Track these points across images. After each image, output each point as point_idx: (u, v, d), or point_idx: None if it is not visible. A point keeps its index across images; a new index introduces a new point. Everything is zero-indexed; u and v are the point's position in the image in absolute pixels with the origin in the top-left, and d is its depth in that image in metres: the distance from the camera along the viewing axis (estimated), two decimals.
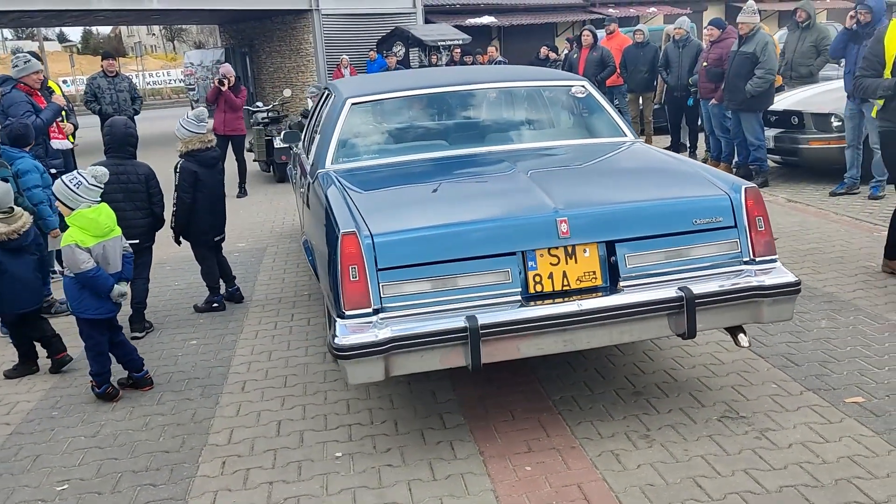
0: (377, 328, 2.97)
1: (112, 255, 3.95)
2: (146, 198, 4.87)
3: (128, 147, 4.88)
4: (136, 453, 3.47)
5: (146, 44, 58.38)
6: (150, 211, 4.91)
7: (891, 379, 3.59)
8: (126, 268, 4.06)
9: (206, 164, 5.22)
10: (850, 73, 7.06)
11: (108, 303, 3.93)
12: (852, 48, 7.13)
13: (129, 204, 4.74)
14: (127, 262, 4.07)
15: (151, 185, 4.89)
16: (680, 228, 3.26)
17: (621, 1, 24.86)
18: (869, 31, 6.94)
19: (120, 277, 4.00)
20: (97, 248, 3.87)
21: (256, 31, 20.83)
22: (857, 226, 6.32)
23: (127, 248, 4.11)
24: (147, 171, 4.90)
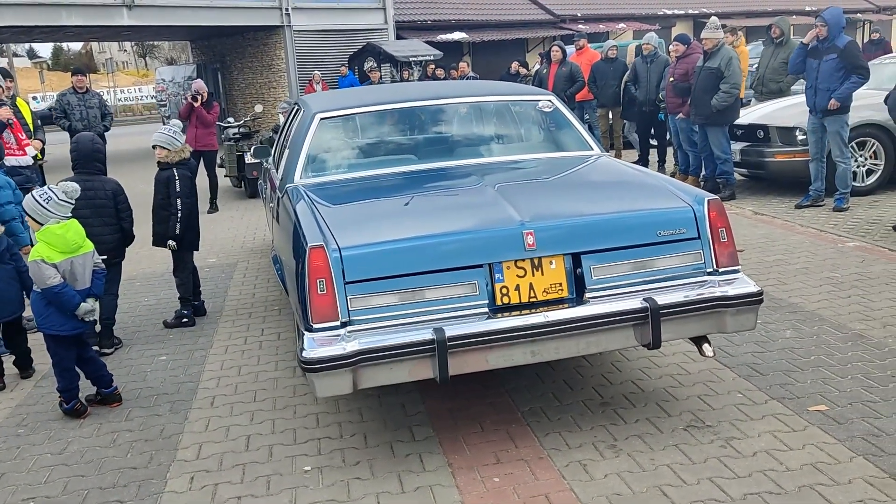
0: (345, 341, 2.98)
1: (80, 272, 3.92)
2: (114, 213, 4.85)
3: (95, 163, 4.86)
4: (103, 470, 3.43)
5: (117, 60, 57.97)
6: (118, 227, 4.88)
7: (853, 387, 3.66)
8: (96, 284, 4.03)
9: (193, 172, 5.40)
10: (812, 89, 7.22)
11: (74, 320, 3.90)
12: (812, 63, 7.28)
13: (96, 220, 4.71)
14: (97, 278, 4.04)
15: (119, 200, 4.87)
16: (644, 240, 3.31)
17: (591, 17, 25.18)
18: (827, 45, 7.11)
19: (88, 294, 3.97)
20: (64, 264, 3.85)
21: (228, 47, 20.80)
22: (822, 237, 6.44)
23: (99, 263, 4.08)
24: (115, 187, 4.88)
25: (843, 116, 7.12)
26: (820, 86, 7.10)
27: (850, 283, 5.18)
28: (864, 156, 7.86)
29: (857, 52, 7.07)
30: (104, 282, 4.17)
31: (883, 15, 32.00)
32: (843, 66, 6.97)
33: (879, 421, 3.32)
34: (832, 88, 6.99)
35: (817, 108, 7.20)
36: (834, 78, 6.99)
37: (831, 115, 7.12)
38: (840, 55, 6.99)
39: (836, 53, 7.02)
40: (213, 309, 5.74)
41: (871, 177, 7.93)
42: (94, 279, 4.02)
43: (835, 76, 6.99)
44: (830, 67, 7.02)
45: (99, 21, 15.93)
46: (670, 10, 27.37)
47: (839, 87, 6.96)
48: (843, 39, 7.09)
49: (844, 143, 7.21)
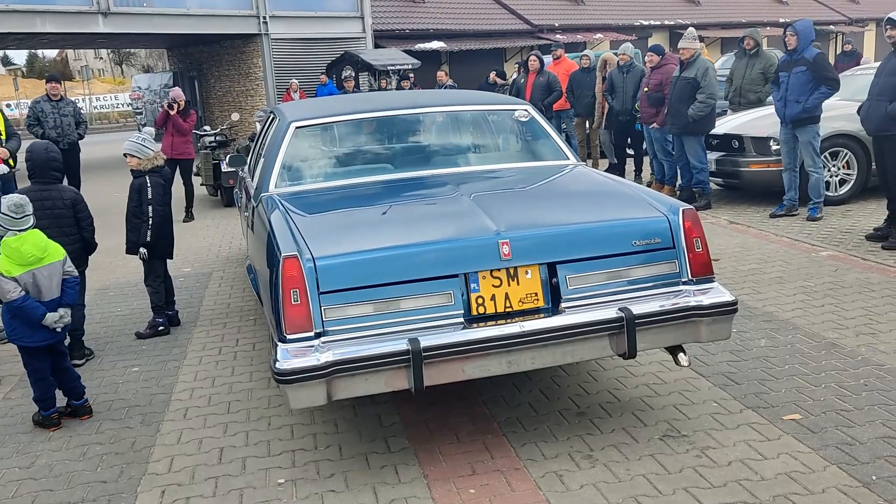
0: (319, 352, 2.95)
1: (46, 283, 3.85)
2: (73, 223, 4.75)
3: (51, 172, 4.74)
4: (72, 484, 3.36)
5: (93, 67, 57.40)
6: (79, 236, 4.78)
7: (827, 396, 3.68)
8: (67, 293, 3.95)
9: (167, 180, 5.36)
10: (782, 100, 7.32)
11: (43, 330, 3.83)
12: (782, 76, 7.37)
13: (55, 229, 4.58)
14: (69, 287, 3.96)
15: (79, 209, 4.77)
16: (620, 250, 3.31)
17: (568, 27, 25.36)
18: (797, 57, 7.21)
19: (59, 304, 3.90)
20: (25, 277, 3.78)
21: (205, 55, 20.69)
22: (796, 247, 6.50)
23: (71, 272, 4.00)
24: (73, 196, 4.79)
25: (814, 126, 7.21)
26: (790, 97, 7.20)
27: (823, 292, 5.23)
28: (837, 166, 7.96)
29: (827, 64, 7.17)
30: (77, 291, 4.10)
31: (855, 27, 32.56)
32: (813, 78, 7.07)
33: (853, 430, 3.34)
34: (802, 100, 7.09)
35: (787, 119, 7.29)
36: (804, 90, 7.09)
37: (803, 126, 7.21)
38: (809, 67, 7.09)
39: (805, 65, 7.12)
40: (187, 319, 5.68)
41: (844, 187, 8.03)
42: (65, 288, 3.95)
43: (805, 88, 7.09)
44: (800, 79, 7.12)
45: (74, 28, 15.77)
46: (647, 21, 27.66)
47: (808, 98, 7.06)
48: (812, 52, 7.20)
49: (816, 153, 7.30)
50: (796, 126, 7.25)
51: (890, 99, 6.01)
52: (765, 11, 31.61)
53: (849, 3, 35.40)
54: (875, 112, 6.16)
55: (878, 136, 6.31)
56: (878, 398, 3.62)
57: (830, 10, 33.86)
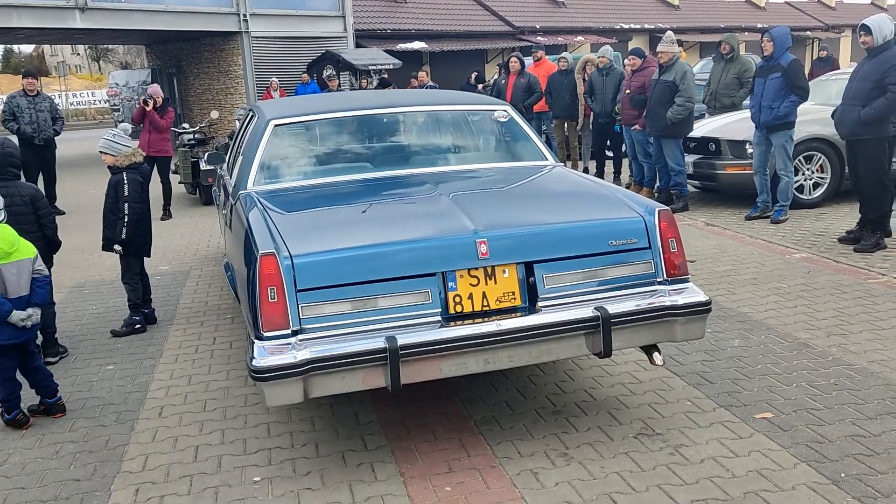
0: (296, 350, 2.95)
1: (13, 280, 3.78)
2: (34, 220, 4.65)
3: (9, 168, 4.63)
4: (44, 482, 3.33)
5: (70, 63, 56.80)
6: (40, 234, 4.69)
7: (798, 395, 3.74)
8: (37, 292, 3.89)
9: (145, 177, 5.32)
10: (756, 106, 7.42)
11: (10, 328, 3.77)
12: (759, 81, 7.47)
13: (15, 227, 4.48)
14: (39, 286, 3.90)
15: (39, 206, 4.67)
16: (596, 250, 3.34)
17: (549, 29, 25.48)
18: (772, 64, 7.31)
19: (29, 302, 3.84)
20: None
21: (184, 52, 20.53)
22: (770, 248, 6.58)
23: (41, 270, 3.95)
24: (32, 193, 4.69)
25: (788, 131, 7.33)
26: (764, 103, 7.32)
27: (796, 293, 5.30)
28: (811, 169, 8.07)
29: (800, 72, 7.28)
30: (48, 290, 4.02)
31: (831, 33, 33.01)
32: (786, 85, 7.18)
33: (823, 428, 3.39)
34: (775, 106, 7.20)
35: (761, 124, 7.40)
36: (777, 96, 7.21)
37: (776, 131, 7.32)
38: (783, 74, 7.20)
39: (780, 72, 7.23)
40: (164, 317, 5.64)
41: (818, 190, 8.14)
42: (34, 287, 3.88)
43: (778, 94, 7.20)
44: (775, 86, 7.23)
45: (51, 23, 15.58)
46: (627, 25, 27.87)
47: (781, 105, 7.18)
48: (787, 58, 7.30)
49: (789, 157, 7.41)
50: (770, 131, 7.36)
51: (863, 104, 6.10)
52: (743, 16, 31.98)
53: (825, 9, 35.89)
54: (848, 117, 6.26)
55: (851, 140, 6.41)
56: (848, 397, 3.68)
57: (807, 16, 34.32)
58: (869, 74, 6.13)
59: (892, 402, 3.61)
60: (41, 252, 4.58)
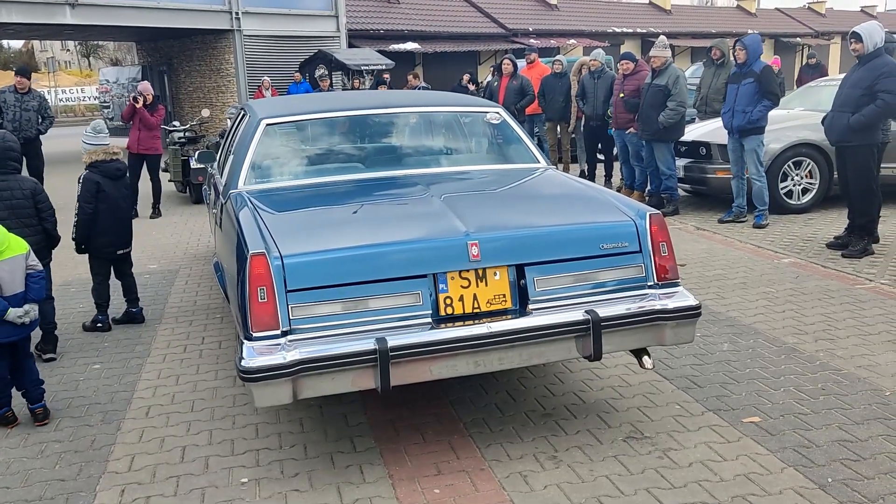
0: (285, 350, 2.94)
1: (7, 277, 3.74)
2: (34, 214, 4.63)
3: (9, 161, 4.60)
4: (29, 482, 3.30)
5: (60, 59, 56.45)
6: (40, 227, 4.68)
7: (786, 399, 3.75)
8: (32, 288, 3.85)
9: (110, 176, 5.17)
10: (729, 111, 7.47)
11: (6, 326, 3.74)
12: (732, 87, 7.55)
13: (14, 221, 4.47)
14: (34, 281, 3.86)
15: (39, 200, 4.65)
16: (587, 253, 3.35)
17: (542, 32, 25.54)
18: (745, 70, 7.38)
19: (25, 299, 3.81)
20: None
21: (175, 49, 20.44)
22: (760, 253, 6.61)
23: (35, 266, 3.90)
24: (32, 187, 4.66)
25: (759, 136, 7.42)
26: (737, 108, 7.41)
27: (784, 297, 5.32)
28: (800, 175, 8.11)
29: (772, 78, 7.38)
30: (44, 285, 3.98)
31: (821, 39, 33.20)
32: (759, 90, 7.25)
33: (810, 433, 3.41)
34: (748, 111, 7.27)
35: (734, 129, 7.47)
36: (750, 101, 7.29)
37: (748, 135, 7.39)
38: (756, 79, 7.28)
39: (753, 78, 7.31)
40: (152, 316, 5.61)
41: (807, 195, 8.18)
42: (30, 283, 3.84)
43: (751, 99, 7.29)
44: (748, 91, 7.32)
45: (40, 19, 15.49)
46: (619, 29, 27.97)
47: (753, 109, 7.24)
48: (760, 65, 7.40)
49: (760, 162, 7.48)
50: (742, 135, 7.43)
51: (852, 110, 6.14)
52: (734, 22, 32.16)
53: (815, 15, 36.13)
54: (838, 123, 6.30)
55: (840, 146, 6.45)
56: (835, 402, 3.69)
57: (797, 22, 34.54)
58: (859, 81, 6.17)
59: (878, 407, 3.63)
60: (40, 246, 4.58)
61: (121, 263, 5.43)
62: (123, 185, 5.30)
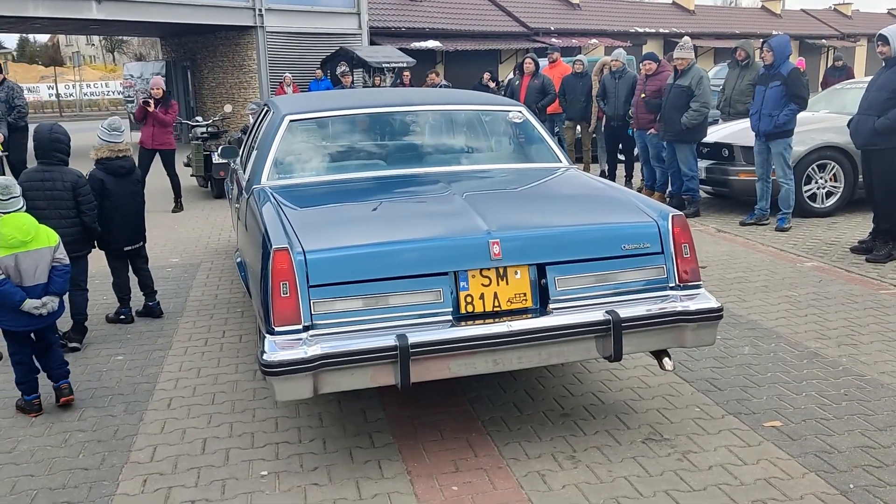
0: (307, 345, 2.96)
1: (29, 268, 3.80)
2: (73, 206, 4.71)
3: (55, 153, 4.71)
4: (53, 470, 3.35)
5: (85, 54, 57.04)
6: (78, 220, 4.76)
7: (807, 404, 3.72)
8: (55, 281, 3.90)
9: (115, 174, 5.17)
10: (757, 114, 7.40)
11: (25, 316, 3.80)
12: (759, 89, 7.47)
13: (52, 212, 4.56)
14: (57, 275, 3.91)
15: (80, 192, 4.74)
16: (609, 253, 3.34)
17: (564, 31, 25.44)
18: (773, 72, 7.30)
19: (47, 290, 3.86)
20: (6, 260, 3.75)
21: (199, 45, 20.59)
22: (782, 256, 6.56)
23: (61, 259, 3.95)
24: (74, 179, 4.74)
25: (786, 139, 7.32)
26: (764, 111, 7.32)
27: (807, 302, 5.28)
28: (824, 178, 8.03)
29: (799, 81, 7.26)
30: (67, 279, 4.02)
31: (847, 41, 32.85)
32: (786, 93, 7.17)
33: (832, 438, 3.38)
34: (774, 114, 7.19)
35: (760, 132, 7.39)
36: (777, 104, 7.20)
37: (775, 138, 7.31)
38: (783, 82, 7.19)
39: (780, 80, 7.22)
40: (173, 309, 5.66)
41: (831, 199, 8.10)
42: (53, 276, 3.89)
43: (778, 102, 7.20)
44: (775, 94, 7.24)
45: (67, 14, 15.65)
46: (641, 29, 27.81)
47: (780, 113, 7.17)
48: (788, 67, 7.30)
49: (788, 165, 7.40)
50: (769, 138, 7.35)
51: (878, 114, 6.07)
52: (758, 23, 31.88)
53: (841, 17, 35.74)
54: (864, 126, 6.23)
55: (866, 150, 6.39)
56: (858, 408, 3.66)
57: (823, 24, 34.17)
58: (885, 84, 6.10)
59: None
60: (77, 238, 4.68)
61: (134, 258, 5.47)
62: (130, 182, 5.29)
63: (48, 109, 39.34)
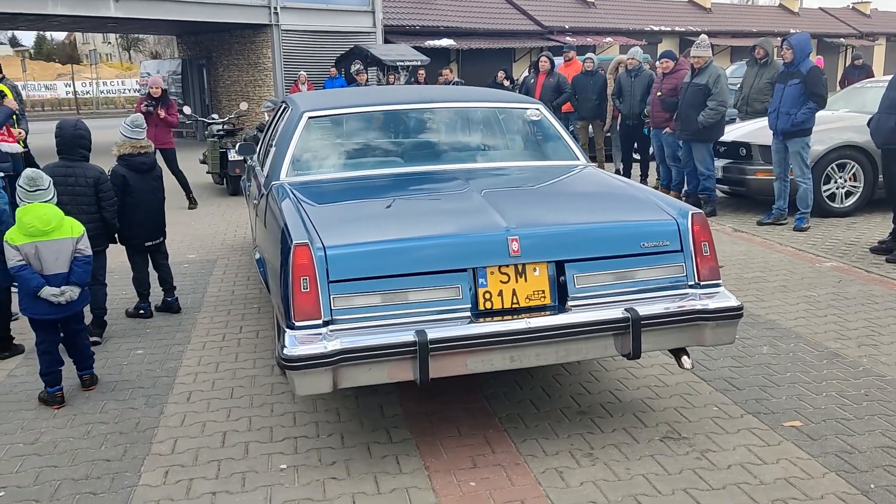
0: (326, 340, 2.97)
1: (49, 257, 3.87)
2: (94, 201, 4.78)
3: (78, 149, 4.79)
4: (76, 461, 3.39)
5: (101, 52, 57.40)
6: (98, 215, 4.81)
7: (828, 404, 3.70)
8: (75, 271, 3.96)
9: (136, 170, 5.23)
10: (775, 112, 7.34)
11: (44, 304, 3.87)
12: (778, 87, 7.41)
13: (74, 207, 4.60)
14: (78, 265, 3.97)
15: (101, 188, 4.80)
16: (628, 251, 3.33)
17: (578, 30, 25.38)
18: (792, 70, 7.24)
19: (68, 280, 3.92)
20: (27, 248, 3.84)
21: (214, 43, 20.68)
22: (800, 256, 6.52)
23: (83, 251, 4.01)
24: (97, 175, 4.81)
25: (804, 138, 7.27)
26: (782, 109, 7.26)
27: (826, 302, 5.25)
28: (844, 178, 7.97)
29: (818, 80, 7.19)
30: (88, 270, 4.07)
31: (865, 40, 32.58)
32: (805, 92, 7.11)
33: (853, 438, 3.36)
34: (793, 112, 7.14)
35: (778, 130, 7.34)
36: (796, 102, 7.14)
37: (792, 137, 7.26)
38: (803, 80, 7.14)
39: (799, 79, 7.17)
40: (191, 304, 5.70)
41: (850, 199, 8.05)
42: (73, 266, 3.96)
43: (797, 101, 7.14)
44: (794, 92, 7.18)
45: (85, 11, 15.76)
46: (657, 27, 27.69)
47: (798, 111, 7.11)
48: (807, 65, 7.24)
49: (805, 164, 7.34)
50: (787, 137, 7.30)
51: None
52: (776, 21, 31.68)
53: (860, 16, 35.45)
54: (884, 125, 6.19)
55: (886, 148, 6.34)
56: (879, 408, 3.64)
57: (841, 22, 33.91)
58: None
59: None
60: (97, 233, 4.74)
61: (154, 254, 5.52)
62: (152, 179, 5.34)
63: (65, 107, 39.67)
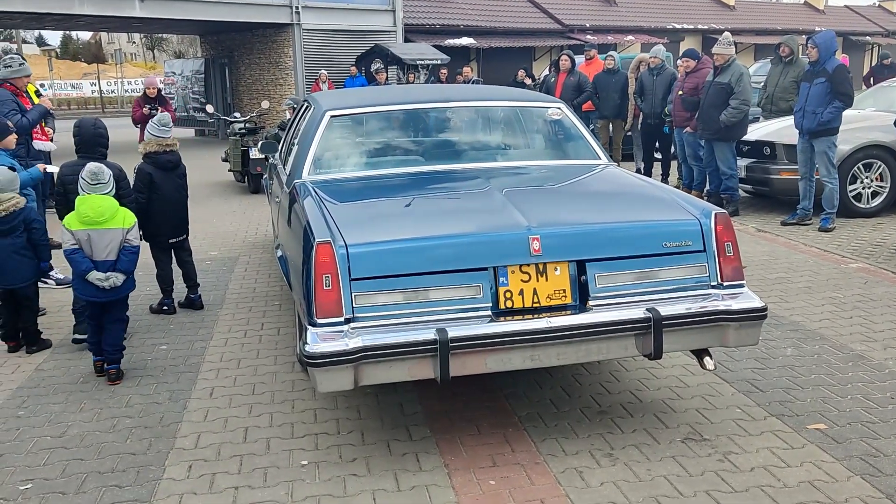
0: (348, 337, 2.98)
1: (100, 245, 4.18)
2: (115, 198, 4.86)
3: (97, 147, 4.90)
4: (102, 454, 3.43)
5: (126, 51, 57.97)
6: None
7: (853, 407, 3.66)
8: (122, 260, 4.23)
9: (162, 167, 5.31)
10: (801, 111, 7.26)
11: (91, 287, 4.16)
12: (804, 86, 7.33)
13: None
14: (125, 254, 4.24)
15: (121, 185, 4.85)
16: (650, 251, 3.32)
17: (599, 28, 25.24)
18: (818, 69, 7.15)
19: (114, 267, 4.19)
20: (81, 234, 4.16)
21: (237, 42, 20.83)
22: (825, 257, 6.45)
23: (131, 241, 4.27)
24: (116, 173, 4.85)
25: (830, 138, 7.18)
26: (808, 108, 7.18)
27: (852, 303, 5.19)
28: (870, 178, 7.88)
29: (844, 78, 7.09)
30: (134, 259, 4.32)
31: (891, 39, 32.11)
32: (831, 90, 7.02)
33: (878, 441, 3.32)
34: (819, 111, 7.05)
35: (804, 130, 7.25)
36: (822, 101, 7.06)
37: (819, 136, 7.17)
38: (828, 79, 7.04)
39: (825, 77, 7.07)
40: (213, 301, 5.75)
41: (877, 199, 7.95)
42: (120, 255, 4.23)
43: (822, 99, 7.06)
44: (819, 91, 7.09)
45: (111, 11, 15.94)
46: (679, 25, 27.47)
47: (824, 111, 7.02)
48: (833, 63, 7.14)
49: (832, 164, 7.26)
50: (813, 136, 7.21)
51: None
52: (800, 19, 31.33)
53: (886, 14, 34.96)
54: None
55: None
56: None
57: (867, 20, 33.46)
58: None
59: None
60: None
61: (178, 250, 5.58)
62: (176, 176, 5.42)
63: (91, 105, 40.15)
